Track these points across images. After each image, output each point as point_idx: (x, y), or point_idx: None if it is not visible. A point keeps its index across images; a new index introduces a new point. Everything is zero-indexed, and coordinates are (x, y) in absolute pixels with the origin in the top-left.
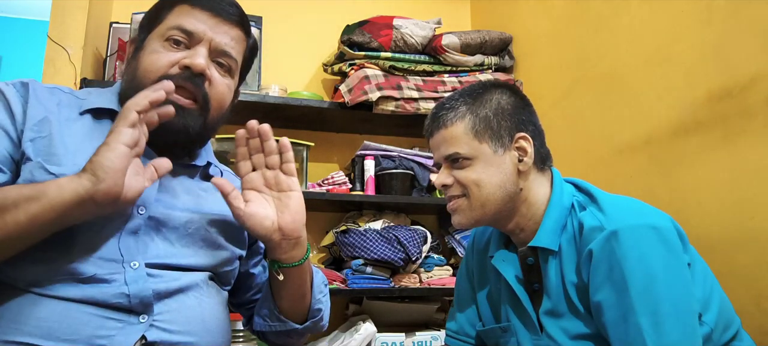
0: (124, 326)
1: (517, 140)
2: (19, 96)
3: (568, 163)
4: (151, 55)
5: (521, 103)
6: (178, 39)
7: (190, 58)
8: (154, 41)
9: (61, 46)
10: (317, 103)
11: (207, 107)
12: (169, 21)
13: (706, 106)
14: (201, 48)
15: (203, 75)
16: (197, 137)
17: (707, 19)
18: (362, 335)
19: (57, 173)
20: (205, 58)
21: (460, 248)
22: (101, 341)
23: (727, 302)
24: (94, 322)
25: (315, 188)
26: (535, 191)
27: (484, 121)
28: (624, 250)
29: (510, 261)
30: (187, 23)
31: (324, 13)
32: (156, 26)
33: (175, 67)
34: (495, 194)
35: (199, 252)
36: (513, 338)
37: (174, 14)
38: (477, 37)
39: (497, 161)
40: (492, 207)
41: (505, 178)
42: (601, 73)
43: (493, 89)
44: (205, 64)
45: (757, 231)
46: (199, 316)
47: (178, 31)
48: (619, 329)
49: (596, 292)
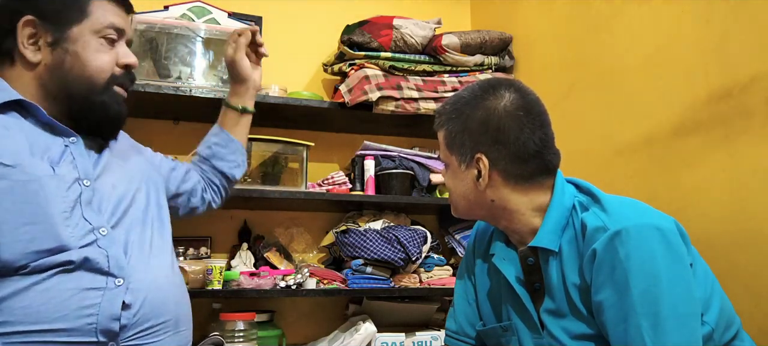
0: (104, 292)
1: (475, 160)
2: None
3: (568, 163)
4: (97, 54)
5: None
6: (112, 37)
7: (126, 57)
8: (88, 37)
9: None
10: (317, 103)
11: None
12: (98, 17)
13: (706, 106)
14: (123, 43)
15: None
16: (125, 120)
17: (707, 19)
18: (362, 335)
19: (11, 164)
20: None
21: (460, 248)
22: (89, 311)
23: (728, 302)
24: (77, 296)
25: (315, 187)
26: (514, 202)
27: (452, 136)
28: (627, 250)
29: (511, 260)
30: (117, 21)
31: (324, 13)
32: (81, 20)
33: (115, 65)
34: (461, 201)
35: (138, 201)
36: (514, 338)
37: (98, 9)
38: (477, 37)
39: (461, 175)
40: (463, 210)
41: (467, 190)
42: (601, 73)
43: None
44: (136, 60)
45: (757, 231)
46: (161, 270)
47: (111, 29)
48: (620, 330)
49: (598, 291)
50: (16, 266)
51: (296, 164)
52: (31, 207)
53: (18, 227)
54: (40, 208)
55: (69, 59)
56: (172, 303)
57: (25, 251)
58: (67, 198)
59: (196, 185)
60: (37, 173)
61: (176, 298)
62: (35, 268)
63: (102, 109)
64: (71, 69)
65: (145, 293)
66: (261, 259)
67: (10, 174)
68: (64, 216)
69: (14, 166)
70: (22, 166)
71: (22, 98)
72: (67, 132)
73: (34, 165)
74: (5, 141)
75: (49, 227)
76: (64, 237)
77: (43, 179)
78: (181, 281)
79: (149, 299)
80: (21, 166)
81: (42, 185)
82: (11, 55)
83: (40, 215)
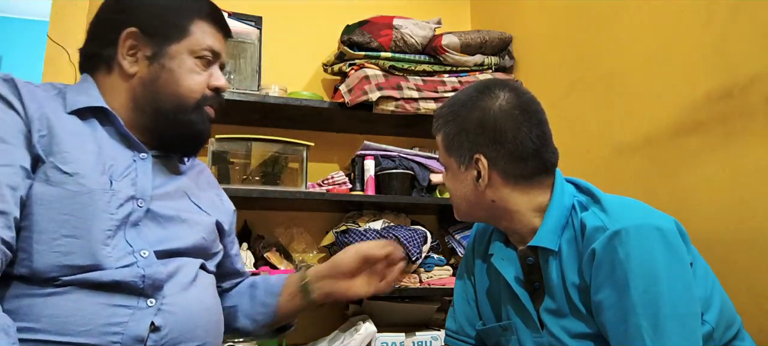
0: (135, 312)
1: (474, 160)
2: (13, 93)
3: (568, 163)
4: (191, 74)
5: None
6: (208, 59)
7: (217, 80)
8: (185, 57)
9: (61, 46)
10: (317, 103)
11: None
12: (197, 38)
13: (706, 106)
14: (218, 66)
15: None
16: (207, 139)
17: (707, 19)
18: (362, 335)
19: (70, 172)
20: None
21: (460, 248)
22: (115, 329)
23: (728, 302)
24: (105, 312)
25: (315, 187)
26: (514, 201)
27: (450, 138)
28: (627, 250)
29: (510, 260)
30: (215, 45)
31: (324, 13)
32: (181, 38)
33: (207, 87)
34: (462, 203)
35: (194, 235)
36: (513, 337)
37: (198, 31)
38: (477, 37)
39: (461, 176)
40: (464, 212)
41: (467, 192)
42: (601, 73)
43: (487, 100)
44: (226, 84)
45: (757, 231)
46: (197, 297)
47: (209, 52)
48: (619, 329)
49: (597, 291)
50: (46, 277)
51: (296, 164)
52: (76, 220)
53: (57, 238)
54: (84, 222)
55: (164, 75)
56: (201, 329)
57: (58, 263)
58: (115, 216)
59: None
60: (92, 185)
61: (207, 325)
62: (66, 282)
63: (187, 127)
64: (164, 85)
65: (177, 317)
66: (261, 259)
67: (66, 182)
68: (107, 235)
69: (72, 175)
70: (80, 176)
71: (105, 106)
72: (139, 147)
73: (92, 177)
74: (73, 149)
75: (87, 243)
76: (101, 256)
77: (97, 192)
78: (215, 305)
79: (180, 324)
80: (78, 175)
81: (93, 199)
82: (109, 63)
83: (83, 229)
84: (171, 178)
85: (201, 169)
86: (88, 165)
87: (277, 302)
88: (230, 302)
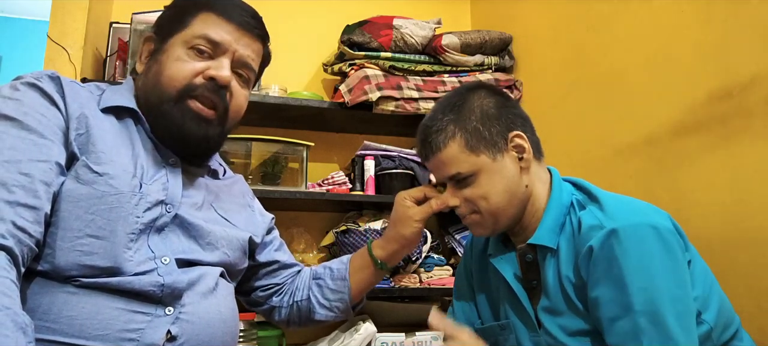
0: (152, 319)
1: (512, 140)
2: (56, 90)
3: (568, 163)
4: (176, 62)
5: (502, 101)
6: (203, 48)
7: (216, 69)
8: (177, 47)
9: (61, 46)
10: (317, 103)
11: (225, 117)
12: (194, 28)
13: (706, 106)
14: (225, 59)
15: (226, 87)
16: (215, 146)
17: (707, 19)
18: (362, 335)
19: (100, 173)
20: (229, 70)
21: (460, 248)
22: (131, 335)
23: (727, 301)
24: (123, 317)
25: (315, 188)
26: (538, 185)
27: (475, 134)
28: (623, 248)
29: (508, 259)
30: (213, 33)
31: (324, 13)
32: (179, 31)
33: (200, 76)
34: (503, 201)
35: (218, 250)
36: (511, 336)
37: (199, 21)
38: (477, 37)
39: (497, 167)
40: (503, 215)
41: (509, 181)
42: (601, 73)
43: (472, 96)
44: (230, 76)
45: (757, 231)
46: (215, 307)
47: (203, 40)
48: (615, 327)
49: (594, 288)
50: (66, 275)
51: (296, 164)
52: (101, 220)
53: (81, 237)
54: (108, 223)
55: (155, 68)
56: (218, 340)
57: (79, 262)
58: (141, 219)
59: (284, 282)
60: (121, 187)
61: (224, 336)
62: (85, 283)
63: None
64: (152, 77)
65: (195, 326)
66: None
67: (95, 182)
68: (130, 238)
69: (102, 175)
70: (109, 176)
71: (134, 108)
72: (167, 153)
73: (122, 179)
74: (108, 149)
75: (109, 245)
76: (121, 259)
77: (125, 195)
78: (232, 315)
79: (197, 334)
80: (108, 176)
81: (120, 201)
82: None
83: (106, 230)
84: (199, 188)
85: (235, 181)
86: (120, 166)
87: (349, 282)
88: (299, 296)
